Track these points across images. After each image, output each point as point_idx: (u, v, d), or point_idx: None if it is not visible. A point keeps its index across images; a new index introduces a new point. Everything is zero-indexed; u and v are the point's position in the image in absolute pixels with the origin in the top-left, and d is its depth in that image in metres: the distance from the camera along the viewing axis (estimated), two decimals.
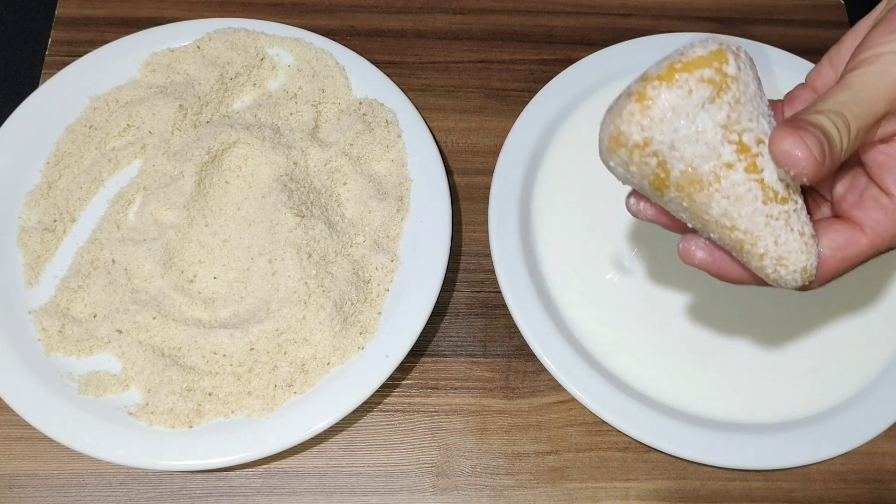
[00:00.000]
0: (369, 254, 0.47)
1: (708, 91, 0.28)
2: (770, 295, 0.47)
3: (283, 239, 0.45)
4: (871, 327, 0.47)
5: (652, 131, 0.28)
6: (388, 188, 0.49)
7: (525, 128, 0.51)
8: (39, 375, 0.42)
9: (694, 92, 0.28)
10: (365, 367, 0.43)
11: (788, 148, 0.27)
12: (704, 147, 0.28)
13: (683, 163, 0.28)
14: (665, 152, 0.28)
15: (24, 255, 0.46)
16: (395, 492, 0.44)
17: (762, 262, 0.30)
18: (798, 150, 0.27)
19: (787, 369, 0.45)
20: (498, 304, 0.49)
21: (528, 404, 0.46)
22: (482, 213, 0.50)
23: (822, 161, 0.27)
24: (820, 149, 0.27)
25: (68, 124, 0.50)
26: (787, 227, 0.29)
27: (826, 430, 0.43)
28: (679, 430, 0.42)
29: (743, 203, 0.29)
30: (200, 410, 0.42)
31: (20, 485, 0.43)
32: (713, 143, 0.28)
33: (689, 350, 0.46)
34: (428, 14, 0.58)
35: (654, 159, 0.29)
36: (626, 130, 0.29)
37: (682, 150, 0.28)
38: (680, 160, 0.28)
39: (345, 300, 0.44)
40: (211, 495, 0.43)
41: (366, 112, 0.51)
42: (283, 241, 0.45)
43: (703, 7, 0.59)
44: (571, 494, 0.44)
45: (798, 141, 0.27)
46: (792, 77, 0.54)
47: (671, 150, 0.28)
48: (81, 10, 0.57)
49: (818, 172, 0.27)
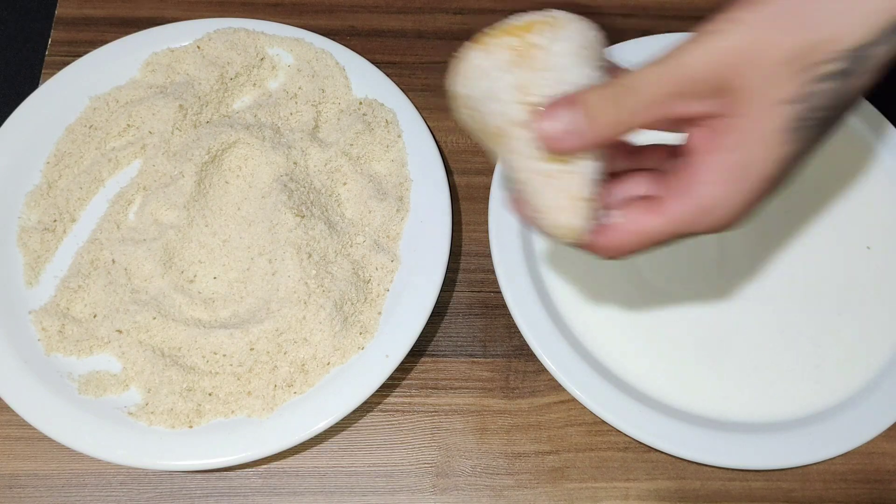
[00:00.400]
0: (369, 254, 0.47)
1: (507, 56, 0.31)
2: (770, 295, 0.47)
3: (283, 239, 0.45)
4: (870, 327, 0.47)
5: (465, 87, 0.33)
6: (388, 188, 0.49)
7: None
8: (39, 375, 0.42)
9: (496, 56, 0.32)
10: (365, 367, 0.43)
11: (540, 121, 0.30)
12: (499, 104, 0.31)
13: (487, 117, 0.32)
14: (477, 106, 0.33)
15: (24, 255, 0.46)
16: (395, 492, 0.44)
17: (535, 214, 0.33)
18: (546, 122, 0.30)
19: (787, 369, 0.45)
20: (498, 304, 0.49)
21: (528, 404, 0.46)
22: (482, 213, 0.50)
23: (568, 137, 0.30)
24: (569, 125, 0.30)
25: (68, 124, 0.50)
26: (559, 186, 0.31)
27: (826, 430, 0.43)
28: (679, 430, 0.42)
29: (524, 158, 0.32)
30: (200, 410, 0.42)
31: (20, 485, 0.43)
32: (506, 102, 0.31)
33: (689, 350, 0.46)
34: (428, 14, 0.58)
35: (473, 112, 0.33)
36: (453, 85, 0.34)
37: (484, 106, 0.32)
38: (486, 114, 0.32)
39: (345, 300, 0.44)
40: (211, 495, 0.43)
41: (366, 112, 0.51)
42: (283, 241, 0.45)
43: (703, 7, 0.59)
44: (571, 494, 0.44)
45: (549, 114, 0.30)
46: None
47: (479, 104, 0.32)
48: (81, 10, 0.57)
49: (565, 146, 0.30)
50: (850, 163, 0.51)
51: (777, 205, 0.50)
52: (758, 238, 0.49)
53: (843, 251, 0.49)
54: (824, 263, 0.48)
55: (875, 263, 0.49)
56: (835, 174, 0.51)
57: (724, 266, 0.48)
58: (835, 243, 0.49)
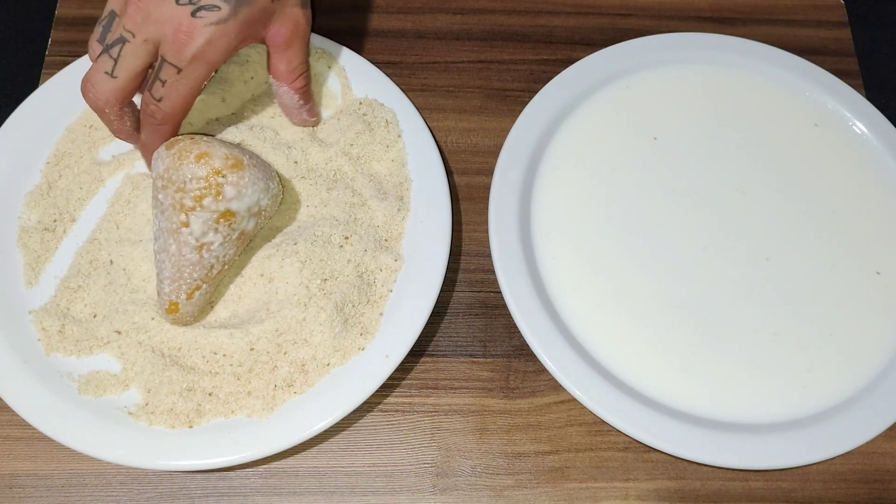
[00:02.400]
0: (372, 254, 0.47)
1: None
2: (770, 295, 0.47)
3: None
4: (870, 327, 0.47)
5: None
6: (389, 188, 0.49)
7: (525, 128, 0.51)
8: (39, 375, 0.42)
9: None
10: (365, 367, 0.43)
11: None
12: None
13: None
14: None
15: (24, 255, 0.46)
16: (395, 492, 0.44)
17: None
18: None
19: (787, 369, 0.45)
20: (498, 304, 0.49)
21: (528, 404, 0.46)
22: (482, 213, 0.50)
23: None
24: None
25: (68, 124, 0.50)
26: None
27: (826, 430, 0.43)
28: (679, 430, 0.42)
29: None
30: (200, 410, 0.42)
31: (20, 485, 0.43)
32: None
33: (689, 350, 0.46)
34: (428, 14, 0.58)
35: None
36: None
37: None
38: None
39: (346, 301, 0.44)
40: (211, 495, 0.43)
41: (366, 112, 0.51)
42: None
43: (703, 7, 0.59)
44: (571, 494, 0.44)
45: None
46: (791, 77, 0.54)
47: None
48: (81, 10, 0.56)
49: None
50: (867, 182, 0.51)
51: (783, 212, 0.50)
52: (760, 239, 0.49)
53: (850, 264, 0.49)
54: (825, 263, 0.48)
55: (875, 264, 0.49)
56: (849, 192, 0.51)
57: (726, 268, 0.48)
58: (842, 256, 0.49)
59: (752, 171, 0.51)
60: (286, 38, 0.44)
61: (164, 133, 0.43)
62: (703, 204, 0.50)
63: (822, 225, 0.50)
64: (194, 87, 0.41)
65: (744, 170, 0.51)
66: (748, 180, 0.51)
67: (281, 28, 0.44)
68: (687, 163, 0.51)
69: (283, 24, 0.44)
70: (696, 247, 0.48)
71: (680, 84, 0.54)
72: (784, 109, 0.53)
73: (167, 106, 0.41)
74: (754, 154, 0.52)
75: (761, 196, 0.50)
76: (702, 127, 0.52)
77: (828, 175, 0.51)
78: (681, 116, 0.53)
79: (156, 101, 0.41)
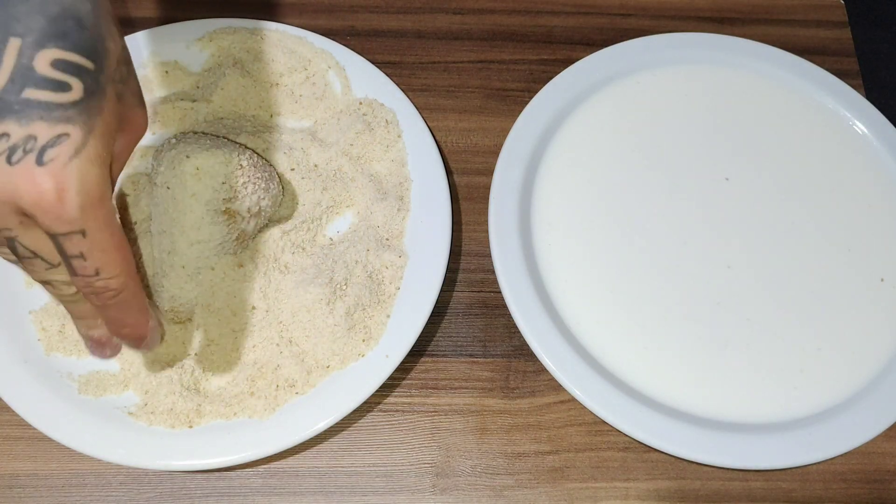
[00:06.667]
0: (376, 253, 0.46)
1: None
2: (770, 296, 0.47)
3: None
4: (870, 327, 0.47)
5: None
6: (389, 188, 0.49)
7: (525, 128, 0.51)
8: (39, 375, 0.42)
9: None
10: (365, 367, 0.43)
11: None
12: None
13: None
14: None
15: None
16: (395, 492, 0.44)
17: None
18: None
19: (786, 369, 0.45)
20: (498, 304, 0.49)
21: (528, 404, 0.46)
22: (482, 213, 0.50)
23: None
24: None
25: None
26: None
27: (826, 430, 0.43)
28: (679, 430, 0.42)
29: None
30: (201, 411, 0.42)
31: (20, 485, 0.43)
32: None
33: (689, 350, 0.46)
34: (428, 14, 0.58)
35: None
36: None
37: None
38: None
39: (358, 305, 0.44)
40: (211, 495, 0.43)
41: (366, 112, 0.51)
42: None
43: (703, 7, 0.59)
44: (571, 494, 0.44)
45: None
46: (791, 77, 0.54)
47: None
48: None
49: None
50: (867, 182, 0.51)
51: (783, 212, 0.50)
52: (760, 239, 0.49)
53: (850, 263, 0.49)
54: (825, 263, 0.48)
55: (875, 264, 0.49)
56: (849, 192, 0.51)
57: (727, 268, 0.48)
58: (842, 262, 0.49)
59: (752, 170, 0.51)
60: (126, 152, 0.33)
61: (132, 293, 0.32)
62: (704, 204, 0.50)
63: (822, 225, 0.50)
64: (113, 230, 0.30)
65: (743, 170, 0.51)
66: (748, 180, 0.51)
67: (122, 138, 0.32)
68: (687, 163, 0.51)
69: (126, 133, 0.33)
70: (697, 247, 0.48)
71: (680, 84, 0.54)
72: (784, 109, 0.53)
73: (109, 270, 0.30)
74: (754, 154, 0.52)
75: (761, 196, 0.50)
76: (702, 127, 0.53)
77: (828, 175, 0.51)
78: (681, 116, 0.53)
79: (94, 276, 0.30)
